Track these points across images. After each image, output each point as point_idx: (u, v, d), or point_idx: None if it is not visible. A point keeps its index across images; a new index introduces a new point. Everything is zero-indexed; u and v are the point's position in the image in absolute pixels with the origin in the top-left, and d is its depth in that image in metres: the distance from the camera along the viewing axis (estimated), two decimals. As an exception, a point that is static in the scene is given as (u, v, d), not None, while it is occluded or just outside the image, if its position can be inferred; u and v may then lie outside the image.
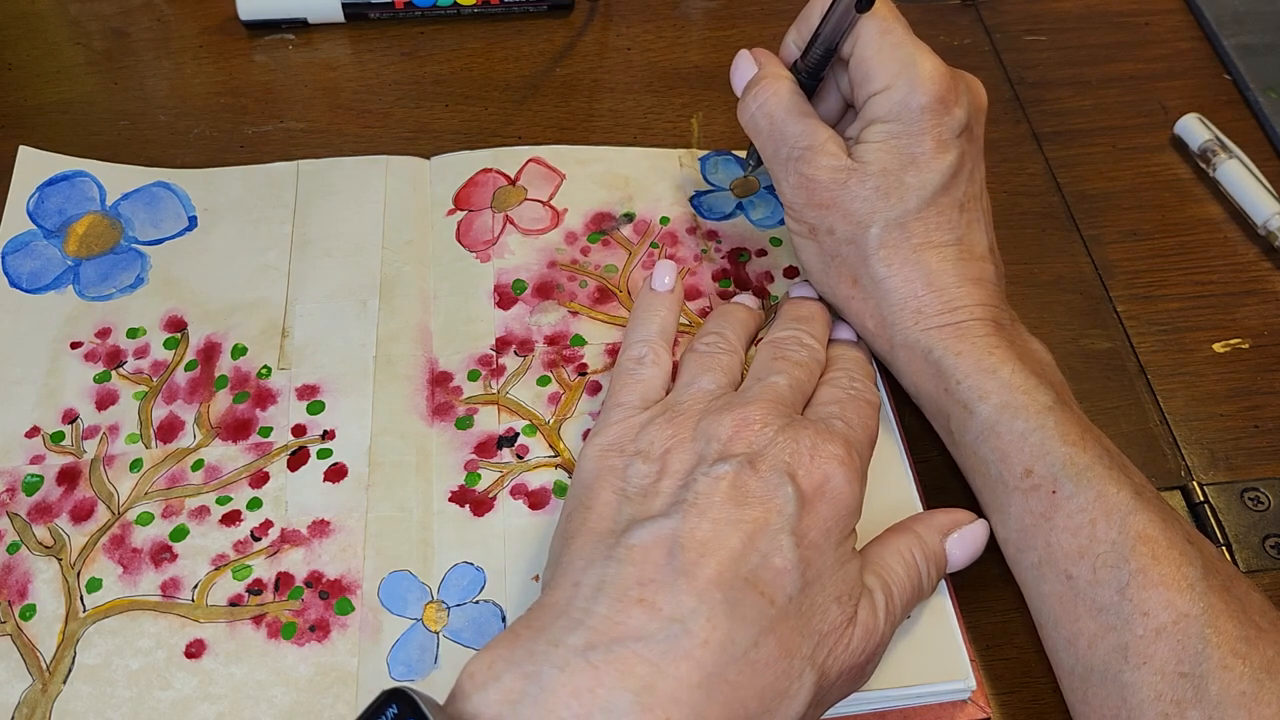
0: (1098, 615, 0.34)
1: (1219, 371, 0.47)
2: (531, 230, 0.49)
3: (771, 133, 0.41)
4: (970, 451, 0.38)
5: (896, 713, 0.37)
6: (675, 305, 0.43)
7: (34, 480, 0.41)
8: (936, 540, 0.37)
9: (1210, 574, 0.33)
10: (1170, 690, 0.32)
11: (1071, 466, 0.35)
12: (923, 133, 0.39)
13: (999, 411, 0.37)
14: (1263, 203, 0.50)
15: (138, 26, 0.59)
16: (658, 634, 0.30)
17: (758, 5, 0.60)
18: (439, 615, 0.38)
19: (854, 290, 0.41)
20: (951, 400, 0.38)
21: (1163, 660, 0.32)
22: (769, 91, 0.42)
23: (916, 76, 0.39)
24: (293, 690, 0.36)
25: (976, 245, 0.40)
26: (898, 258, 0.39)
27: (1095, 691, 0.34)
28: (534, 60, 0.58)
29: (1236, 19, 0.59)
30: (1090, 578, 0.34)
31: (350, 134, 0.54)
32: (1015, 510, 0.36)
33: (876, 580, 0.35)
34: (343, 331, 0.45)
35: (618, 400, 0.39)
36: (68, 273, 0.47)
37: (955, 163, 0.39)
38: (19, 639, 0.37)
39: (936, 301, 0.39)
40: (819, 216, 0.40)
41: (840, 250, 0.41)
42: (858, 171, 0.39)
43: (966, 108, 0.40)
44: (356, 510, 0.40)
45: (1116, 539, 0.34)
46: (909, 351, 0.39)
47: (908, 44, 0.40)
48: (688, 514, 0.32)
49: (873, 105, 0.40)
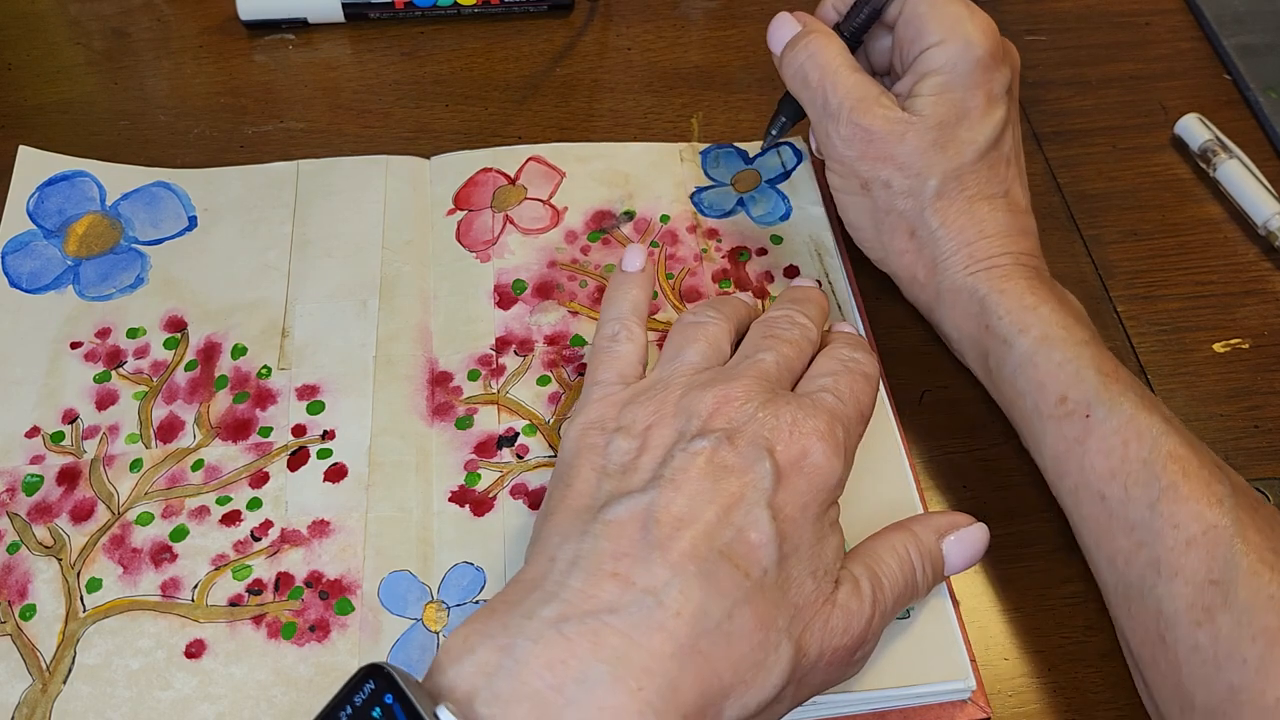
0: (1131, 532, 0.35)
1: (1219, 371, 0.47)
2: (531, 230, 0.49)
3: (822, 82, 0.42)
4: (1008, 385, 0.40)
5: (896, 713, 0.37)
6: (646, 283, 0.42)
7: (34, 480, 0.41)
8: (933, 539, 0.37)
9: (1239, 492, 0.35)
10: (1200, 598, 0.33)
11: (1105, 392, 0.37)
12: (976, 86, 0.41)
13: (1037, 343, 0.38)
14: (1263, 203, 0.50)
15: (138, 26, 0.59)
16: (630, 606, 0.30)
17: (758, 5, 0.60)
18: (439, 615, 0.38)
19: (909, 243, 0.42)
20: (991, 336, 0.40)
21: (1193, 570, 0.33)
22: (819, 43, 0.43)
23: (971, 30, 0.41)
24: (293, 690, 0.36)
25: (1020, 199, 0.43)
26: (954, 208, 0.41)
27: (1136, 607, 0.35)
28: (534, 60, 0.58)
29: (1236, 19, 0.59)
30: (1123, 496, 0.35)
31: (350, 134, 0.54)
32: (1051, 438, 0.38)
33: (864, 569, 0.35)
34: (343, 331, 0.45)
35: (595, 379, 0.38)
36: (68, 273, 0.47)
37: (1004, 118, 0.42)
38: (19, 639, 0.37)
39: (988, 247, 0.41)
40: (873, 169, 0.41)
41: (896, 204, 0.42)
42: (915, 124, 0.41)
43: (1010, 67, 0.42)
44: (356, 510, 0.40)
45: (1148, 458, 0.35)
46: (954, 294, 0.41)
47: (960, 1, 0.42)
48: (664, 489, 0.32)
49: (927, 58, 0.41)
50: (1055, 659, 0.39)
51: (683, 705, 0.29)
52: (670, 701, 0.29)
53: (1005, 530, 0.42)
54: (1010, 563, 0.41)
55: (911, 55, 0.42)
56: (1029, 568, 0.41)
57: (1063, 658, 0.39)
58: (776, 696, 0.31)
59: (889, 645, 0.37)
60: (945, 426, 0.44)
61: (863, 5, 0.43)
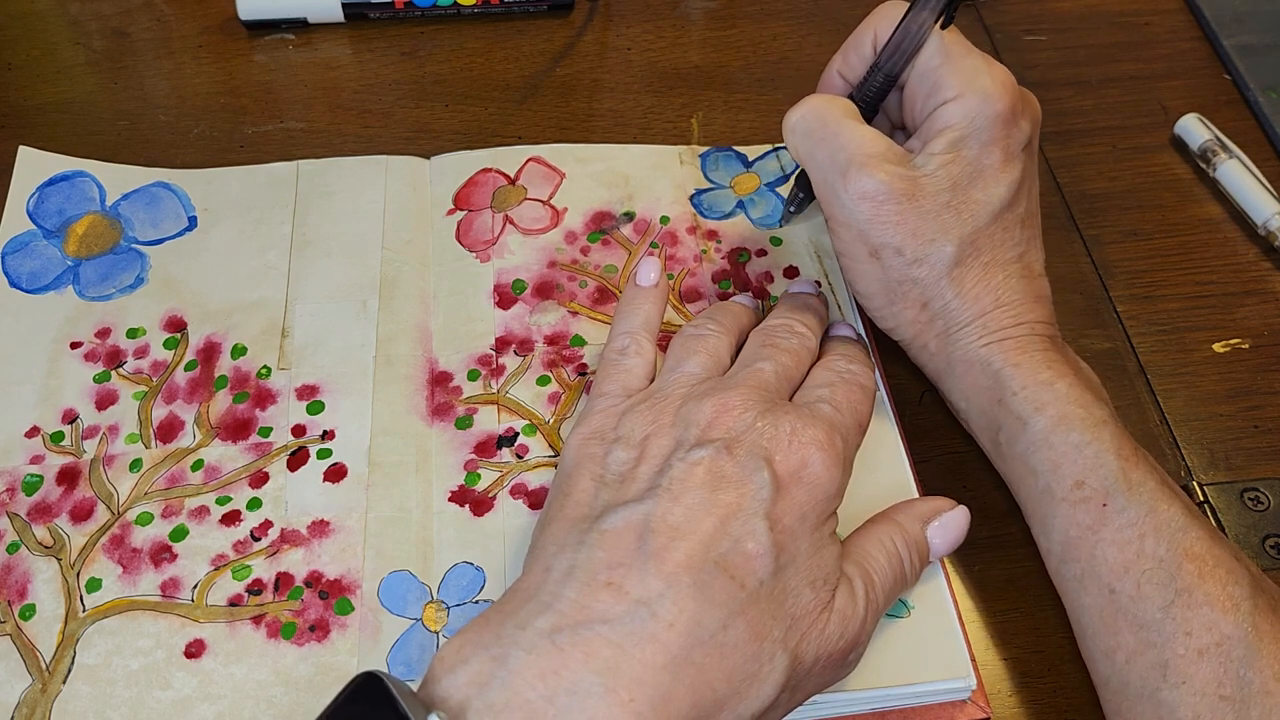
0: (1139, 631, 0.34)
1: (1219, 371, 0.47)
2: (531, 230, 0.49)
3: (825, 137, 0.39)
4: (1020, 462, 0.38)
5: (896, 712, 0.37)
6: (659, 299, 0.42)
7: (34, 480, 0.41)
8: (918, 528, 0.37)
9: (1258, 594, 0.33)
10: (1210, 712, 0.32)
11: (1124, 481, 0.35)
12: (993, 142, 0.38)
13: (1055, 423, 0.36)
14: (1263, 203, 0.50)
15: (138, 26, 0.59)
16: (624, 617, 0.30)
17: (758, 5, 0.60)
18: (439, 615, 0.38)
19: (921, 313, 0.39)
20: (1005, 411, 0.38)
21: (1203, 681, 0.32)
22: (823, 98, 0.40)
23: (989, 85, 0.38)
24: (293, 690, 0.36)
25: (1035, 263, 0.40)
26: (970, 276, 0.39)
27: (1132, 706, 0.34)
28: (534, 60, 0.58)
29: (1236, 19, 0.59)
30: (1134, 593, 0.34)
31: (350, 134, 0.54)
32: (1061, 522, 0.36)
33: (856, 569, 0.34)
34: (343, 331, 0.45)
35: (601, 390, 0.39)
36: (67, 273, 0.47)
37: (1020, 177, 0.39)
38: (19, 639, 0.37)
39: (1002, 317, 0.38)
40: (885, 234, 0.38)
41: (910, 272, 0.39)
42: (927, 183, 0.38)
43: (1030, 121, 0.40)
44: (356, 510, 0.40)
45: (1164, 556, 0.34)
46: (966, 365, 0.39)
47: (975, 54, 0.39)
48: (661, 499, 0.32)
49: (942, 114, 0.39)
50: (1055, 659, 0.39)
51: (675, 716, 0.29)
52: (662, 713, 0.29)
53: (1005, 530, 0.42)
54: (1010, 562, 0.41)
55: (925, 111, 0.40)
56: (1029, 568, 0.41)
57: (1063, 658, 0.39)
58: (771, 705, 0.31)
59: (889, 644, 0.37)
60: (945, 426, 0.44)
61: (876, 72, 0.41)
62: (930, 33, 0.39)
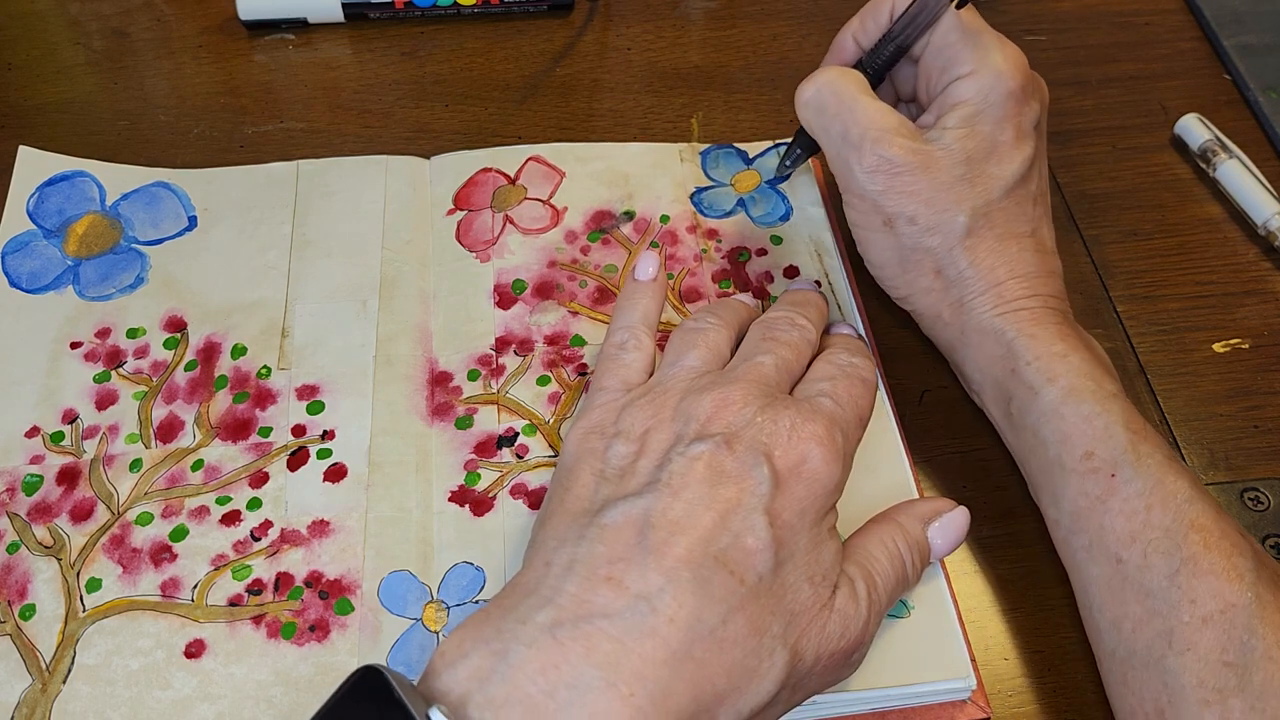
0: (1145, 600, 0.34)
1: (1219, 371, 0.47)
2: (531, 230, 0.49)
3: (840, 111, 0.40)
4: (1030, 433, 0.38)
5: (896, 712, 0.37)
6: (658, 293, 0.42)
7: (34, 480, 0.41)
8: (919, 528, 0.37)
9: (1261, 566, 0.34)
10: (1213, 678, 0.32)
11: (1133, 453, 0.36)
12: (1005, 119, 0.39)
13: (1066, 394, 0.37)
14: (1263, 203, 0.50)
15: (138, 26, 0.59)
16: (624, 611, 0.30)
17: (758, 5, 0.60)
18: (439, 615, 0.38)
19: (935, 281, 0.40)
20: (1017, 381, 0.38)
21: (1207, 648, 0.33)
22: (836, 73, 0.41)
23: (1003, 62, 0.40)
24: (293, 690, 0.36)
25: (1047, 239, 0.41)
26: (983, 246, 0.40)
27: (1136, 675, 0.34)
28: (534, 60, 0.58)
29: (1236, 19, 0.59)
30: (1140, 562, 0.34)
31: (350, 134, 0.54)
32: (1070, 492, 0.37)
33: (857, 569, 0.34)
34: (342, 331, 0.45)
35: (600, 385, 0.39)
36: (67, 273, 0.47)
37: (1032, 154, 0.40)
38: (19, 639, 0.37)
39: (1016, 288, 0.39)
40: (899, 204, 0.39)
41: (922, 241, 0.40)
42: (942, 157, 0.39)
43: (1040, 102, 0.41)
44: (356, 510, 0.40)
45: (1170, 525, 0.34)
46: (980, 335, 0.40)
47: (989, 32, 0.41)
48: (661, 493, 0.32)
49: (955, 90, 0.40)
50: (1055, 659, 0.39)
51: (675, 711, 0.29)
52: (662, 707, 0.29)
53: (1005, 530, 0.42)
54: (1010, 562, 0.41)
55: (939, 86, 0.41)
56: (1029, 567, 0.41)
57: (1063, 658, 0.39)
58: (770, 701, 0.31)
59: (889, 644, 0.37)
60: (945, 426, 0.44)
61: (890, 41, 0.42)
62: (947, 8, 0.40)
